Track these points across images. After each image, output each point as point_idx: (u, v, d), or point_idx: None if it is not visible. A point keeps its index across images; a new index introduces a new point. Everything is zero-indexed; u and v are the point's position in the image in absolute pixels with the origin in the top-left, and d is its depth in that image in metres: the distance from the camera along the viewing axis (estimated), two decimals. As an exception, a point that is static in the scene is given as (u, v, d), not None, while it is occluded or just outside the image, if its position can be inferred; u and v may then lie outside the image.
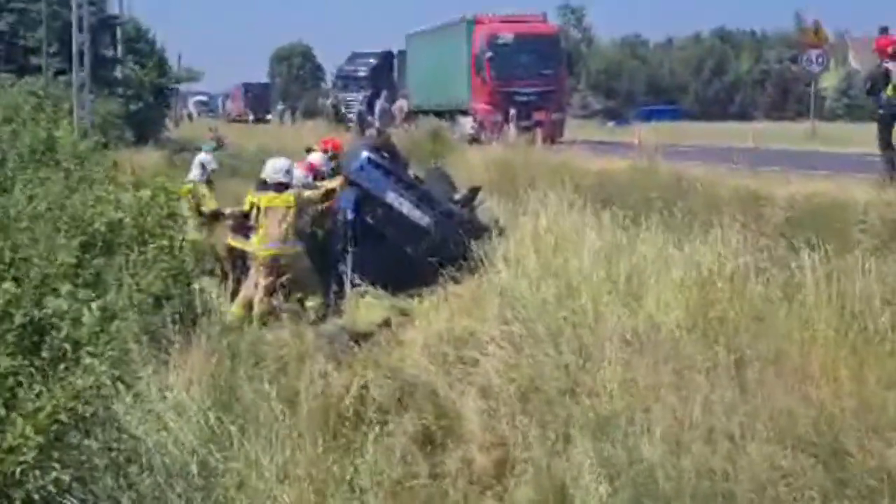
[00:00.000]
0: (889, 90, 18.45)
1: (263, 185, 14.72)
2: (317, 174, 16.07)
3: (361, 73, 62.42)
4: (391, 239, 14.95)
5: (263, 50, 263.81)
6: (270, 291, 13.75)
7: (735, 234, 11.42)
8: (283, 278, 13.74)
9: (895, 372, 8.28)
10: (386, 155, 16.19)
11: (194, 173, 16.37)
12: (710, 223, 12.27)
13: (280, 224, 14.02)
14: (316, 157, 16.79)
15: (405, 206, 15.10)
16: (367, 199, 15.24)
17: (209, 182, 16.27)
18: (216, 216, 15.55)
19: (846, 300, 9.38)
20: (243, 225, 14.86)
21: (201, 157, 16.96)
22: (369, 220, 15.22)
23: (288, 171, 14.63)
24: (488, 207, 16.27)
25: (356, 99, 56.11)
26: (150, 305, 10.49)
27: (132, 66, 50.23)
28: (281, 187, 14.34)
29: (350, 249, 14.35)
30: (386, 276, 14.17)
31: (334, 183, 15.17)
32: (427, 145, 30.82)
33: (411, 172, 16.79)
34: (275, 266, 13.96)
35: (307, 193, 14.60)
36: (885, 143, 18.85)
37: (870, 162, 21.07)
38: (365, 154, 15.79)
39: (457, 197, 16.35)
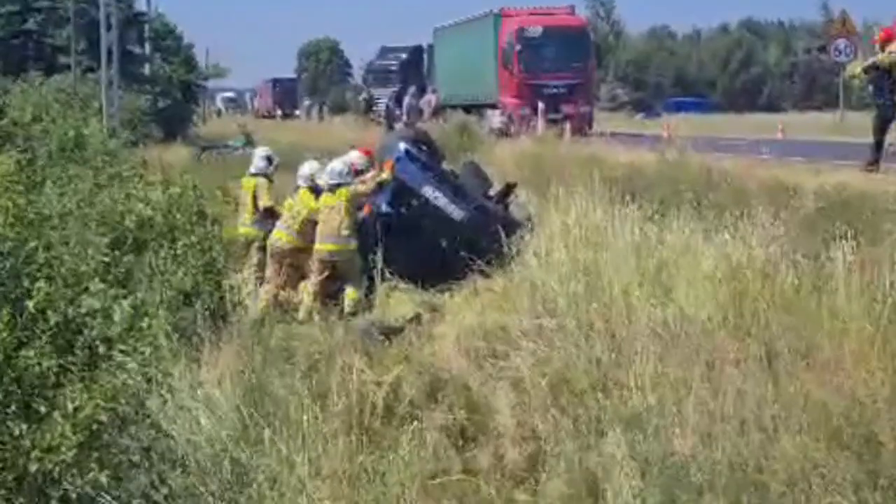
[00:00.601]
0: None
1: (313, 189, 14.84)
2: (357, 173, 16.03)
3: (392, 68, 62.31)
4: (425, 232, 14.89)
5: (290, 45, 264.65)
6: (323, 288, 13.90)
7: (765, 225, 11.37)
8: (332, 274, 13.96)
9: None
10: (424, 148, 16.18)
11: (259, 166, 16.26)
12: (739, 215, 12.24)
13: (335, 220, 14.14)
14: (354, 157, 16.73)
15: (441, 200, 15.09)
16: (402, 192, 15.26)
17: (268, 177, 16.17)
18: (272, 213, 15.56)
19: (878, 291, 9.35)
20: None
21: (264, 150, 16.85)
22: (404, 212, 15.23)
23: (344, 173, 14.70)
24: (523, 203, 16.21)
25: (385, 94, 56.15)
26: (181, 302, 10.54)
27: (160, 63, 50.46)
28: (335, 186, 14.44)
29: (381, 242, 14.33)
30: (417, 269, 14.17)
31: (384, 174, 15.12)
32: (455, 139, 30.77)
33: (446, 166, 16.77)
34: (329, 262, 14.07)
35: (360, 188, 14.60)
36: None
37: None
38: (403, 146, 15.81)
39: (491, 192, 16.32)
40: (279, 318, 12.58)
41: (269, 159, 16.33)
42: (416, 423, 8.77)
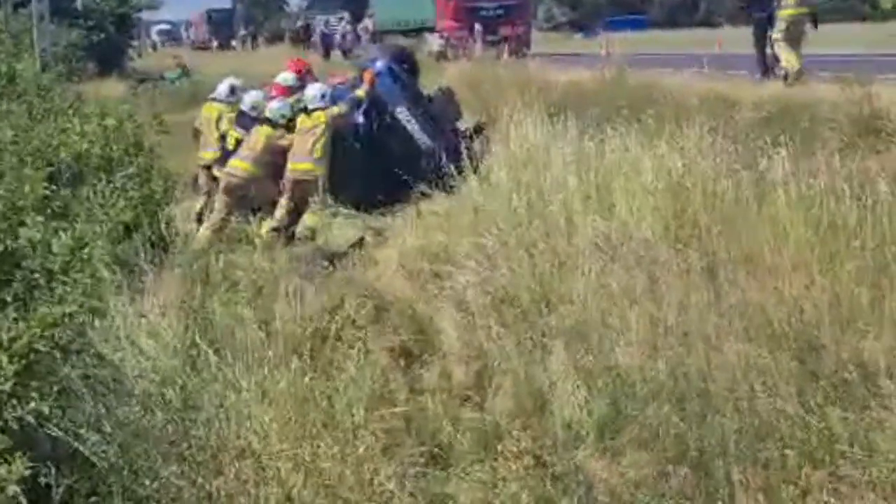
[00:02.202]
0: None
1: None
2: (288, 92, 15.84)
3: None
4: (391, 154, 14.68)
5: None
6: (290, 211, 13.94)
7: (705, 137, 11.42)
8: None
9: (866, 266, 8.33)
10: (405, 67, 16.07)
11: (221, 92, 16.07)
12: (679, 129, 12.27)
13: (309, 141, 14.18)
14: (286, 77, 16.54)
15: (412, 125, 15.03)
16: (377, 107, 15.19)
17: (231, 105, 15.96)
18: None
19: (816, 198, 9.42)
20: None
21: (230, 79, 16.61)
22: (374, 128, 15.19)
23: (320, 98, 14.62)
24: (487, 137, 16.07)
25: (325, 21, 55.78)
26: (121, 234, 10.47)
27: (92, -4, 49.80)
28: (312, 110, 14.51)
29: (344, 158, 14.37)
30: (373, 190, 14.14)
31: (360, 91, 15.01)
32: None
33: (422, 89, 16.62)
34: (301, 181, 14.10)
35: (336, 109, 14.51)
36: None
37: (831, 62, 21.14)
38: (385, 62, 15.76)
39: (463, 127, 16.14)
40: (223, 249, 12.49)
41: (232, 87, 16.13)
42: (361, 345, 8.79)
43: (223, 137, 15.25)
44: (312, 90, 14.80)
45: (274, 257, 11.59)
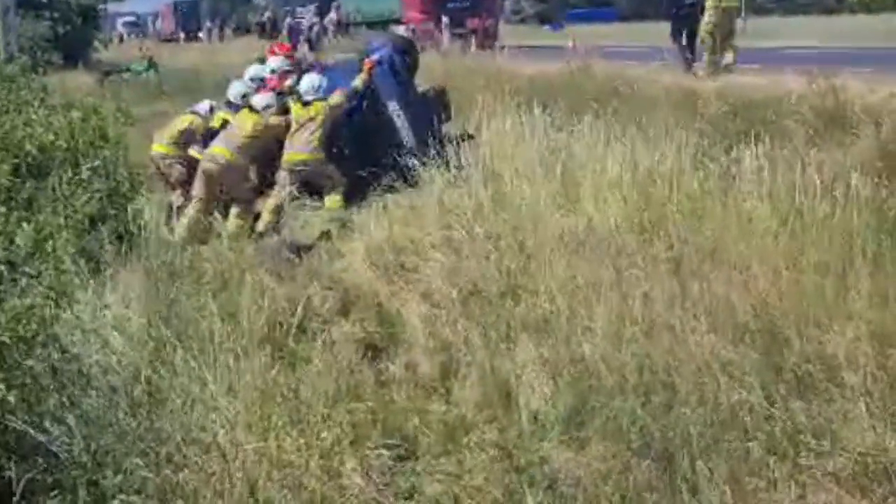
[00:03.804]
0: None
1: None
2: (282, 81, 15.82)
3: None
4: (373, 144, 14.59)
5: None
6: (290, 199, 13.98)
7: (671, 130, 11.46)
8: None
9: (832, 260, 8.38)
10: (406, 60, 15.98)
11: (201, 109, 15.97)
12: (645, 121, 12.32)
13: (307, 132, 14.18)
14: (279, 63, 16.51)
15: (400, 121, 14.91)
16: (369, 96, 15.10)
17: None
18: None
19: (783, 191, 9.47)
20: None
21: (211, 102, 16.46)
22: (363, 114, 15.09)
23: (317, 88, 14.62)
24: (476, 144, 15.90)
25: (294, 11, 55.64)
26: (86, 227, 10.43)
27: (58, -12, 49.58)
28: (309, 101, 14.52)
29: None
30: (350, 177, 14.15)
31: (358, 81, 14.95)
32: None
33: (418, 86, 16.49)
34: (299, 172, 14.10)
35: (333, 100, 14.49)
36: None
37: (801, 55, 21.26)
38: (387, 52, 15.69)
39: (452, 132, 15.86)
40: (204, 240, 12.45)
41: (211, 108, 15.96)
42: (327, 337, 8.78)
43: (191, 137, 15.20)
44: (308, 81, 14.76)
45: (240, 249, 11.55)
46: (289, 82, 15.47)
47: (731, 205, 9.64)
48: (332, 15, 50.17)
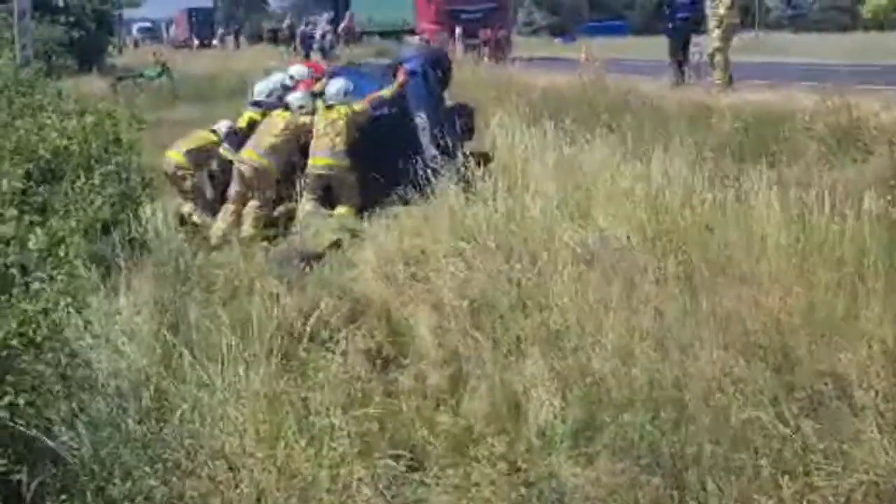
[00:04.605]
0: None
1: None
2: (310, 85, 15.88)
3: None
4: (392, 150, 14.27)
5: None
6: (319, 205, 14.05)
7: (684, 145, 11.46)
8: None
9: (843, 277, 8.36)
10: (440, 74, 15.86)
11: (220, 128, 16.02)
12: (658, 135, 12.32)
13: (331, 135, 14.20)
14: (301, 71, 16.59)
15: (424, 133, 14.80)
16: (398, 105, 14.99)
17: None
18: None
19: (795, 208, 9.46)
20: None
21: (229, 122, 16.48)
22: (386, 116, 14.94)
23: (342, 93, 14.70)
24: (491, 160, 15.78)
25: (314, 21, 55.66)
26: (98, 231, 10.44)
27: (73, -7, 49.69)
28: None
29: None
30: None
31: (386, 91, 14.92)
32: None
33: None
34: (324, 177, 14.16)
35: (357, 107, 14.52)
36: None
37: (813, 71, 21.24)
38: (420, 63, 15.62)
39: (469, 151, 15.63)
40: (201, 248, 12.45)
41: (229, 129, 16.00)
42: (336, 347, 8.76)
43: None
44: (335, 86, 14.80)
45: (250, 257, 11.55)
46: (320, 84, 15.50)
47: (743, 221, 9.63)
48: (345, 24, 50.21)
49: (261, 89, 15.63)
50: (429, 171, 12.94)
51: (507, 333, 8.82)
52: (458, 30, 38.45)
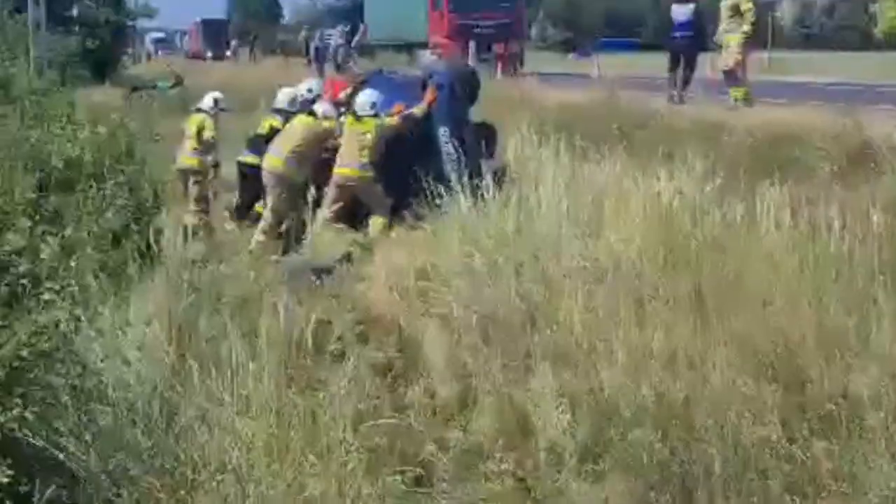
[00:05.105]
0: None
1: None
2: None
3: (347, 8, 61.39)
4: (412, 166, 14.11)
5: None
6: (336, 215, 14.18)
7: (696, 163, 11.43)
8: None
9: (854, 298, 8.33)
10: (467, 90, 15.83)
11: (207, 104, 16.15)
12: (670, 153, 12.29)
13: (357, 146, 14.37)
14: (308, 83, 16.75)
15: (446, 148, 14.82)
16: (424, 117, 15.07)
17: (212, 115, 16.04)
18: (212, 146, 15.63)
19: (806, 227, 9.43)
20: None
21: (215, 93, 16.61)
22: (411, 136, 15.03)
23: (371, 105, 14.81)
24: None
25: (332, 34, 55.66)
26: (110, 242, 10.46)
27: (88, 4, 49.83)
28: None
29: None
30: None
31: (417, 108, 14.93)
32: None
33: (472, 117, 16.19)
34: (346, 187, 14.31)
35: (389, 121, 14.69)
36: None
37: (827, 91, 21.22)
38: (449, 79, 15.62)
39: (492, 165, 15.10)
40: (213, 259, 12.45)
41: (216, 100, 16.19)
42: (346, 360, 8.75)
43: (206, 142, 15.37)
44: (364, 97, 14.90)
45: (260, 269, 11.56)
46: (345, 94, 15.58)
47: (754, 240, 9.61)
48: (357, 38, 50.23)
49: (284, 97, 15.70)
50: (442, 185, 12.91)
51: (516, 349, 8.81)
52: (471, 44, 38.42)
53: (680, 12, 22.63)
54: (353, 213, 14.42)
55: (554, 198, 11.26)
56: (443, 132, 14.85)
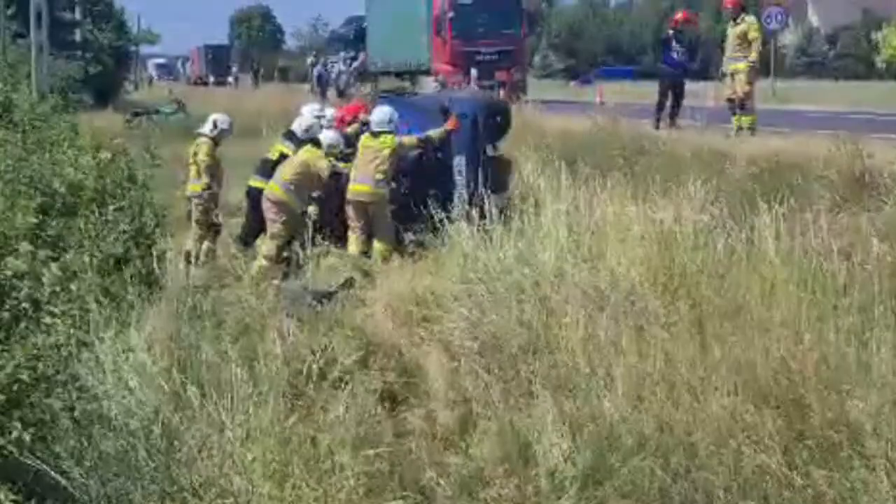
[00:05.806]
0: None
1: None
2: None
3: (349, 35, 61.48)
4: (423, 189, 14.26)
5: (223, 12, 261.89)
6: (366, 233, 14.32)
7: (697, 191, 11.45)
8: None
9: (854, 326, 8.33)
10: (493, 120, 15.72)
11: (205, 128, 16.17)
12: (671, 181, 12.30)
13: (373, 164, 14.30)
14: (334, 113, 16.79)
15: (460, 178, 14.81)
16: (441, 143, 15.01)
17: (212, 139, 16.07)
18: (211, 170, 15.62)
19: (806, 255, 9.43)
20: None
21: (214, 115, 16.63)
22: (425, 160, 15.09)
23: (387, 122, 14.73)
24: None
25: (336, 61, 55.80)
26: (111, 267, 10.46)
27: (90, 29, 50.01)
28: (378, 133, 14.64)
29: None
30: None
31: (435, 132, 14.92)
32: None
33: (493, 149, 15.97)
34: (361, 204, 14.34)
35: (406, 140, 14.65)
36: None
37: (829, 119, 21.24)
38: (473, 109, 15.58)
39: (501, 197, 14.76)
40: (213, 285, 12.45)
41: (215, 122, 16.18)
42: (347, 386, 8.75)
43: (198, 166, 15.39)
44: (380, 113, 14.88)
45: (261, 294, 11.54)
46: (361, 116, 15.64)
47: (754, 267, 9.61)
48: (357, 64, 50.39)
49: (300, 124, 15.67)
50: (447, 213, 12.90)
51: (517, 375, 8.82)
52: (473, 71, 38.52)
53: (678, 49, 22.92)
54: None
55: (555, 225, 11.27)
56: (457, 162, 14.81)
